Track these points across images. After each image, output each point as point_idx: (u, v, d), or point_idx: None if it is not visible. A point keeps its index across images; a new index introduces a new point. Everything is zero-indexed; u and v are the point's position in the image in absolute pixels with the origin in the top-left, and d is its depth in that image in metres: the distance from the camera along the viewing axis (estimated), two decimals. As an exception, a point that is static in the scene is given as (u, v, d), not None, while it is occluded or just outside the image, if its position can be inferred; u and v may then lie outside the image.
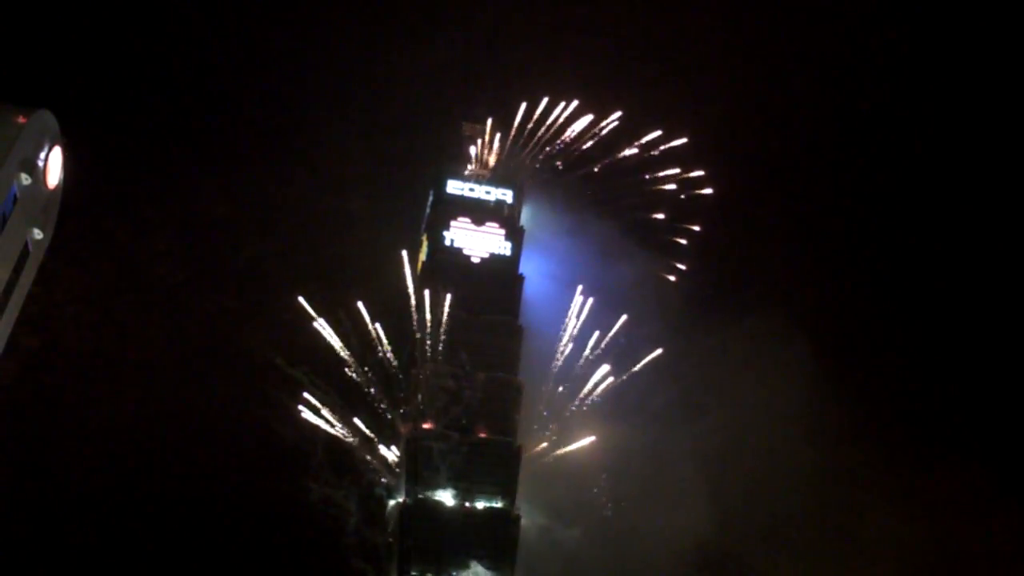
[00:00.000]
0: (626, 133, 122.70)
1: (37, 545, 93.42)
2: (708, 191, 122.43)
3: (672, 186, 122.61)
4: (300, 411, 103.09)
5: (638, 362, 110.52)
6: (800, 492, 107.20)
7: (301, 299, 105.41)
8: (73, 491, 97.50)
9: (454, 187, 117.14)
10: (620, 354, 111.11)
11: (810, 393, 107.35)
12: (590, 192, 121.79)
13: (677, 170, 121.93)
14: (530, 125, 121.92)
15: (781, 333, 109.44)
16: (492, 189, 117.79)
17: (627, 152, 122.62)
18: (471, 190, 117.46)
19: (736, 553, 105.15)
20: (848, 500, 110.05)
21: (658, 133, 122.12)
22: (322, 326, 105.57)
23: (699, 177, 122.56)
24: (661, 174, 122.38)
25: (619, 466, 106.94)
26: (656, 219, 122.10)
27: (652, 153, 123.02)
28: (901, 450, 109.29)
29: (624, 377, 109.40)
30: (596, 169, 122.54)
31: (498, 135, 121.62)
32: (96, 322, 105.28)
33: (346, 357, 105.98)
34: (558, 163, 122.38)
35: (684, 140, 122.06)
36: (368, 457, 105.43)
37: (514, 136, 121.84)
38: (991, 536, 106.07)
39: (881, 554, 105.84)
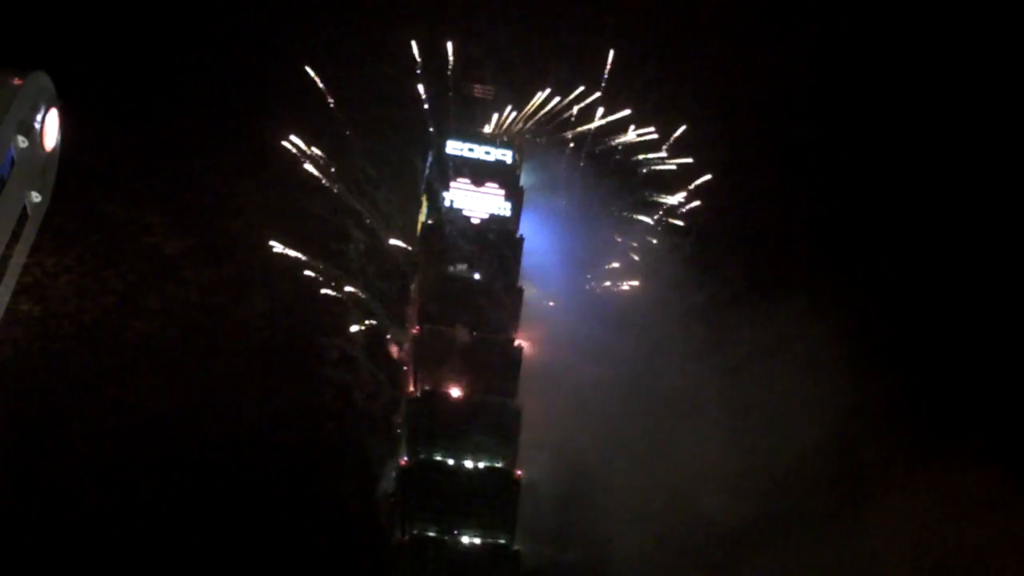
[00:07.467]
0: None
1: (36, 525, 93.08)
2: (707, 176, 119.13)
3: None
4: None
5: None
6: (808, 481, 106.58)
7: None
8: (75, 461, 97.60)
9: (453, 147, 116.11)
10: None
11: (827, 380, 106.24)
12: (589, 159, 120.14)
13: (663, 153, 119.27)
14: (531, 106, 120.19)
15: (800, 318, 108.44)
16: (492, 149, 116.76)
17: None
18: (470, 150, 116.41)
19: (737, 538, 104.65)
20: (858, 494, 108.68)
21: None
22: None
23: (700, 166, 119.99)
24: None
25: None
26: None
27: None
28: (916, 443, 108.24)
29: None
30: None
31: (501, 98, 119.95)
32: (93, 293, 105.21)
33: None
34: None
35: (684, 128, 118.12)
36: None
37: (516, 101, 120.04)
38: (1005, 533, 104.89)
39: (892, 549, 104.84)
